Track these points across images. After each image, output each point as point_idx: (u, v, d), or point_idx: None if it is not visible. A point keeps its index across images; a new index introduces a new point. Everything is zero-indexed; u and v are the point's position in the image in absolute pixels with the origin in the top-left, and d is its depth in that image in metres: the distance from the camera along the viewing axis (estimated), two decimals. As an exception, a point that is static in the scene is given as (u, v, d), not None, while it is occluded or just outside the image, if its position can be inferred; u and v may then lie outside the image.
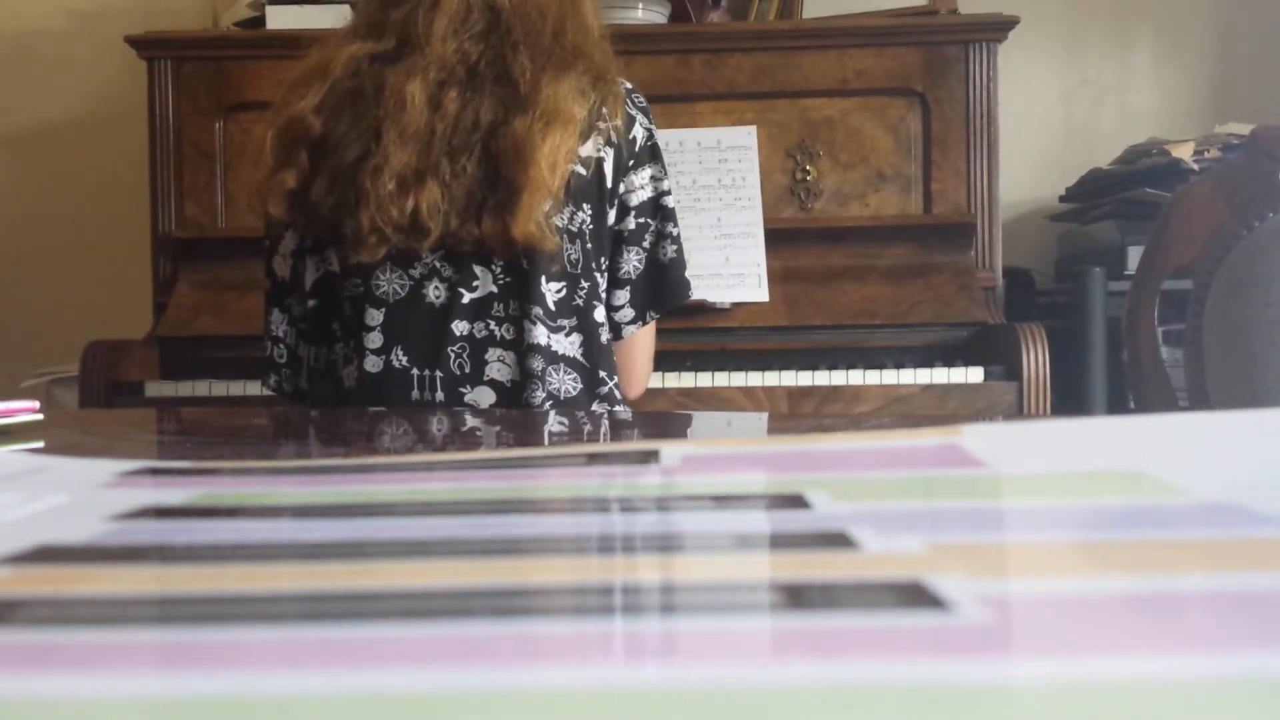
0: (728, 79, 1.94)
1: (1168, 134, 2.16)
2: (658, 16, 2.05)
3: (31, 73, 2.43)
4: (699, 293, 1.76)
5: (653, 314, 1.26)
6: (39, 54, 2.43)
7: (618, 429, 0.65)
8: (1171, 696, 0.15)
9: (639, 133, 1.22)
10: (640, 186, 1.21)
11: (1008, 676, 0.16)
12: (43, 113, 2.43)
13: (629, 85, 1.24)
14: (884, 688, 0.15)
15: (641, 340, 1.29)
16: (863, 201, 1.94)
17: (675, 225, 1.24)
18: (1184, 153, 1.94)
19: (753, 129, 1.90)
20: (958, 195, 1.92)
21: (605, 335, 1.19)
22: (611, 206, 1.19)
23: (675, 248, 1.23)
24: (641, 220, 1.22)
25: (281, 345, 1.22)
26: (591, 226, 1.17)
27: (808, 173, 1.93)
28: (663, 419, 0.93)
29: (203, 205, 1.95)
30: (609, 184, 1.18)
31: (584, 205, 1.16)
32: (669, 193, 1.24)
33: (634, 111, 1.22)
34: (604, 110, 1.17)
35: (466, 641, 0.18)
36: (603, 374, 1.17)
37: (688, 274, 1.26)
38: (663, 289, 1.24)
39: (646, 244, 1.22)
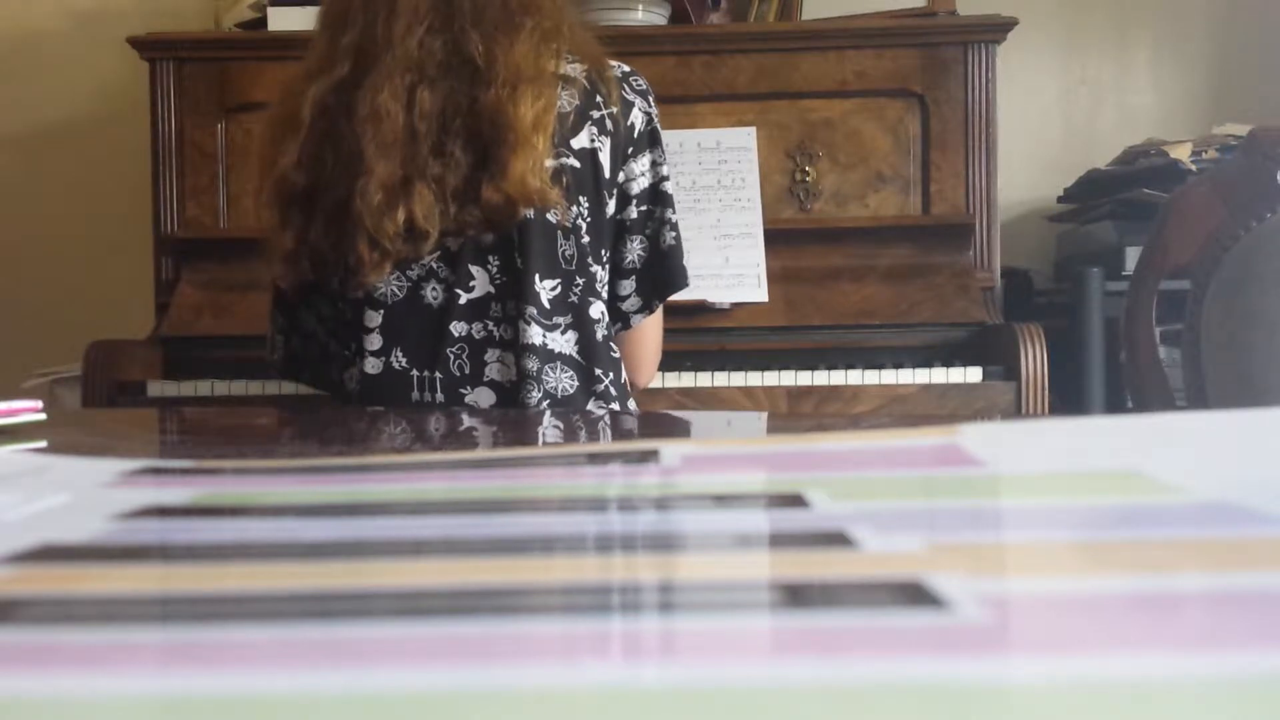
0: (727, 80, 1.94)
1: (1166, 134, 2.16)
2: (657, 18, 2.05)
3: (32, 73, 2.43)
4: (699, 293, 1.76)
5: (658, 301, 1.25)
6: (39, 54, 2.43)
7: (618, 428, 0.65)
8: (1170, 696, 0.15)
9: (638, 118, 1.20)
10: (640, 174, 1.20)
11: (1006, 675, 0.16)
12: (43, 113, 2.43)
13: (627, 68, 1.22)
14: (883, 687, 0.15)
15: (650, 327, 1.28)
16: (862, 202, 1.94)
17: (674, 211, 1.23)
18: (1182, 153, 1.94)
19: (752, 130, 1.89)
20: (956, 196, 1.92)
21: (601, 332, 1.17)
22: (611, 196, 1.18)
23: (674, 234, 1.23)
24: (643, 209, 1.21)
25: (315, 341, 1.21)
26: (589, 219, 1.16)
27: (807, 174, 1.93)
28: (662, 419, 0.93)
29: (205, 206, 1.95)
30: (607, 174, 1.17)
31: (580, 198, 1.15)
32: (667, 178, 1.23)
33: (632, 96, 1.20)
34: (598, 98, 1.17)
35: (465, 641, 0.18)
36: (598, 371, 1.16)
37: (684, 264, 1.26)
38: (666, 276, 1.23)
39: (649, 231, 1.22)
